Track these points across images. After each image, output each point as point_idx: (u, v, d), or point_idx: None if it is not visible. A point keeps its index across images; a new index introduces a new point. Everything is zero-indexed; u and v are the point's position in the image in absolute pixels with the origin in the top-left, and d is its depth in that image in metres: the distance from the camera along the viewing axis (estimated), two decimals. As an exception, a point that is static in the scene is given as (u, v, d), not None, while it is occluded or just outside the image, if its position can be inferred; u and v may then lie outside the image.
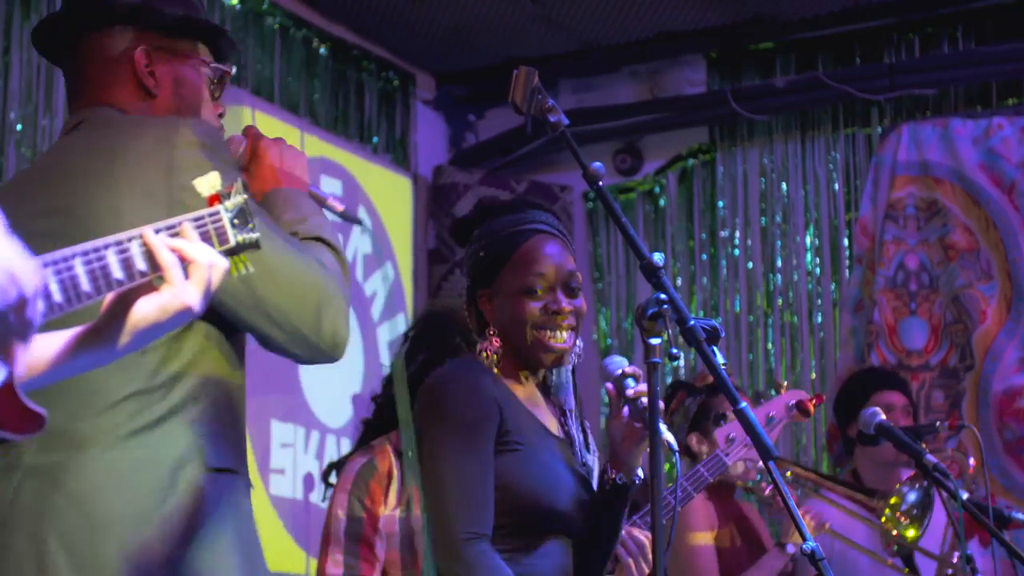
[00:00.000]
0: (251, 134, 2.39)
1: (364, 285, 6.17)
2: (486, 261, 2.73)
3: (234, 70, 2.44)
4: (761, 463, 2.69)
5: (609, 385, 2.65)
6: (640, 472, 2.70)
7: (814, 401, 3.56)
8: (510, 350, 2.71)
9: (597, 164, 2.30)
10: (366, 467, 3.50)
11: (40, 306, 1.37)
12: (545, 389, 2.80)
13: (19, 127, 4.89)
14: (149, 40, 2.30)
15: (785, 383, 4.07)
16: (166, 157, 2.10)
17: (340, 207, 2.44)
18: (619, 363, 2.64)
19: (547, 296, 2.68)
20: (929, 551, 4.21)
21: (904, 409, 4.71)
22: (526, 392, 2.74)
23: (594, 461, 2.82)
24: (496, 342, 2.71)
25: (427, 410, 2.67)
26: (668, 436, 2.42)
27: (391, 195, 6.39)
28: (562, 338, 2.68)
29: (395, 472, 3.48)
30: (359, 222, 2.46)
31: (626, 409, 2.61)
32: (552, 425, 2.74)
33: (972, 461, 4.58)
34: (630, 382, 2.61)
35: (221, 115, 2.40)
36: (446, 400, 2.64)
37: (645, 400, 2.42)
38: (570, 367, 2.79)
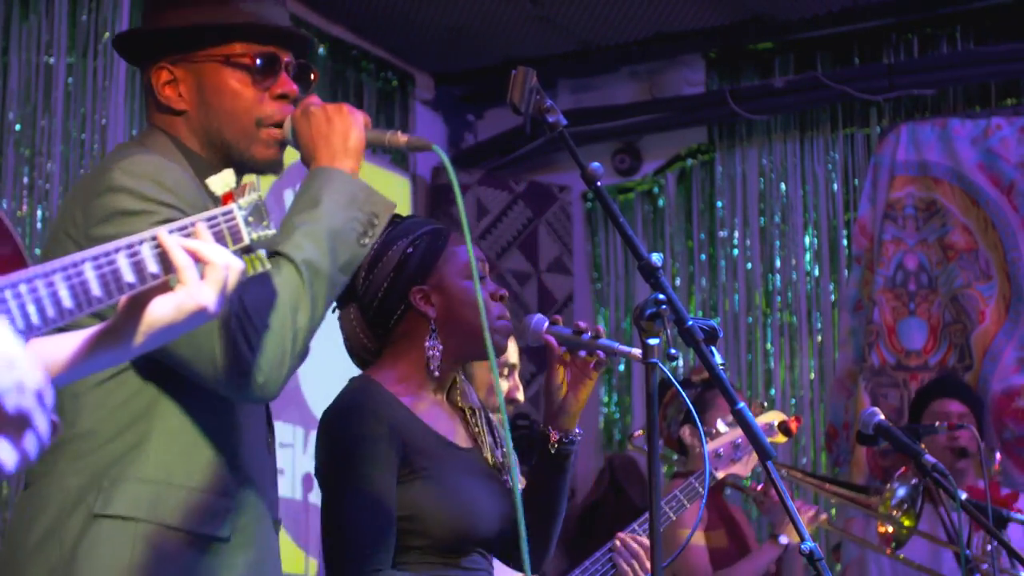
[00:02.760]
0: (296, 109, 2.22)
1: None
2: (418, 256, 2.64)
3: (270, 48, 2.24)
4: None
5: (550, 338, 2.64)
6: (579, 429, 2.71)
7: (794, 422, 3.55)
8: (455, 344, 2.64)
9: (596, 164, 2.29)
10: None
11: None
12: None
13: (18, 127, 4.89)
14: (168, 59, 2.22)
15: (764, 402, 4.07)
16: (88, 205, 2.04)
17: (403, 139, 2.21)
18: (540, 317, 2.68)
19: (489, 282, 2.67)
20: (931, 534, 4.24)
21: (961, 417, 4.74)
22: (432, 403, 2.66)
23: (505, 457, 2.75)
24: (439, 340, 2.62)
25: (326, 446, 2.58)
26: (635, 350, 2.46)
27: (390, 195, 6.30)
28: (508, 319, 2.68)
29: None
30: (429, 147, 2.13)
31: (581, 353, 2.64)
32: (459, 435, 2.68)
33: (998, 456, 4.61)
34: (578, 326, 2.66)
35: (285, 96, 2.23)
36: (343, 437, 2.56)
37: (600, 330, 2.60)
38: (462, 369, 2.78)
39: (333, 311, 2.65)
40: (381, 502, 2.49)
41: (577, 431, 2.70)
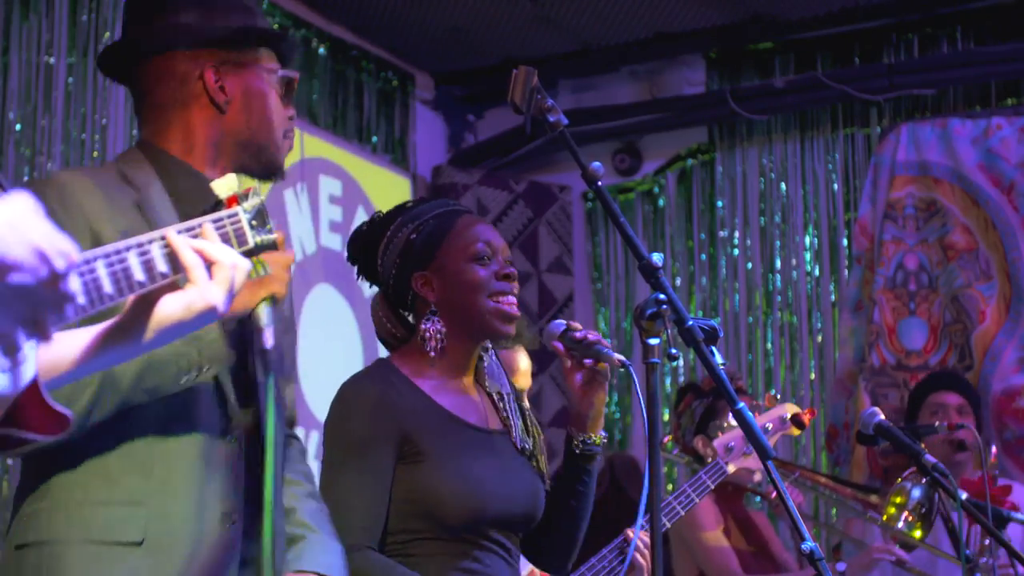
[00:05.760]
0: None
1: (364, 286, 6.16)
2: (420, 242, 2.68)
3: (297, 75, 2.39)
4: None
5: (557, 344, 2.68)
6: (604, 433, 2.76)
7: (808, 414, 3.54)
8: (458, 327, 2.67)
9: (596, 164, 2.30)
10: None
11: (76, 283, 1.36)
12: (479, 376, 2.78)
13: (18, 127, 4.88)
14: (215, 55, 2.27)
15: (777, 395, 4.05)
16: None
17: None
18: (559, 322, 2.71)
19: (494, 263, 2.68)
20: (940, 550, 4.22)
21: (959, 408, 4.76)
22: (456, 387, 2.69)
23: (534, 442, 2.78)
24: (438, 323, 2.66)
25: (329, 423, 2.66)
26: (618, 356, 2.59)
27: (390, 195, 6.38)
28: (514, 303, 2.69)
29: None
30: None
31: (587, 361, 2.68)
32: (483, 417, 2.71)
33: (994, 449, 4.61)
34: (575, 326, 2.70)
35: (291, 118, 2.36)
36: (345, 416, 2.63)
37: (590, 336, 2.64)
38: (494, 352, 2.79)
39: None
40: (374, 484, 2.54)
41: (602, 435, 2.75)
